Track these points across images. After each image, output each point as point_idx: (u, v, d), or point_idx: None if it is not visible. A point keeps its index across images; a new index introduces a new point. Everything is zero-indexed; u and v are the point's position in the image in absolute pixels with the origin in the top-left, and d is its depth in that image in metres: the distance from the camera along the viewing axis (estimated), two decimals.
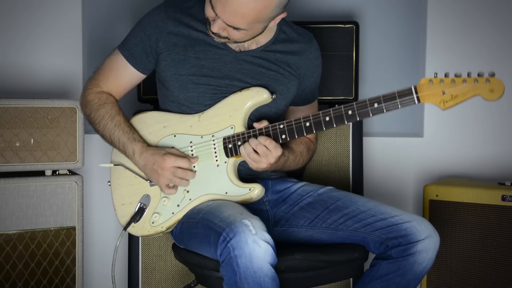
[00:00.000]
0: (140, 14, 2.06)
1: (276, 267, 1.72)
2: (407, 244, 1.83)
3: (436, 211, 2.40)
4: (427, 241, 1.82)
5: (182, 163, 1.95)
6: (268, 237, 1.70)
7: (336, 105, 2.46)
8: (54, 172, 2.28)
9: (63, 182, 2.27)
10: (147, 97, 2.45)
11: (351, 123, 2.40)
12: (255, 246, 1.66)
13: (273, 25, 1.95)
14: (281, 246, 1.79)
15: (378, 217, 1.90)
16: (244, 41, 1.96)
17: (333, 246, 1.98)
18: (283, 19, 2.04)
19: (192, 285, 2.08)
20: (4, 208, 2.19)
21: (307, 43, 2.10)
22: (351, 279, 2.38)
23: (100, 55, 2.24)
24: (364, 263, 2.04)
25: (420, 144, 2.75)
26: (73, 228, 2.29)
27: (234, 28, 1.85)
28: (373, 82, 2.72)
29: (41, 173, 2.26)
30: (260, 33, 1.94)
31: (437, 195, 2.40)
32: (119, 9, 2.66)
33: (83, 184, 2.30)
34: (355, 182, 2.44)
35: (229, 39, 1.91)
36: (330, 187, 2.08)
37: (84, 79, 2.63)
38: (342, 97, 2.46)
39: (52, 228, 2.26)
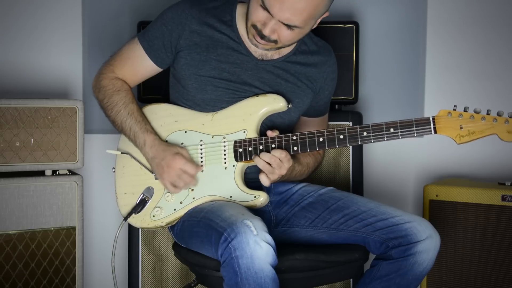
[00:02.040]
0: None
1: (276, 267, 1.72)
2: (407, 245, 1.83)
3: (436, 211, 2.40)
4: (427, 242, 1.83)
5: (190, 168, 1.94)
6: (269, 238, 1.70)
7: (336, 106, 2.49)
8: (54, 172, 2.27)
9: (63, 182, 2.26)
10: (147, 97, 2.45)
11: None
12: (257, 247, 1.66)
13: (315, 26, 1.93)
14: (282, 246, 1.79)
15: (378, 217, 1.90)
16: (290, 44, 1.95)
17: (334, 247, 1.98)
18: None
19: (192, 285, 2.08)
20: (4, 208, 2.18)
21: (326, 55, 2.10)
22: (351, 279, 2.38)
23: (101, 55, 2.24)
24: (365, 263, 2.04)
25: (420, 144, 2.75)
26: (73, 228, 2.28)
27: (289, 27, 1.83)
28: (373, 82, 2.72)
29: (41, 173, 2.26)
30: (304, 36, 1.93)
31: (437, 195, 2.40)
32: (119, 9, 2.65)
33: (83, 184, 2.30)
34: (355, 182, 2.44)
35: (276, 43, 1.90)
36: (331, 188, 2.08)
37: (84, 79, 2.63)
38: (342, 97, 2.46)
39: (52, 228, 2.25)
